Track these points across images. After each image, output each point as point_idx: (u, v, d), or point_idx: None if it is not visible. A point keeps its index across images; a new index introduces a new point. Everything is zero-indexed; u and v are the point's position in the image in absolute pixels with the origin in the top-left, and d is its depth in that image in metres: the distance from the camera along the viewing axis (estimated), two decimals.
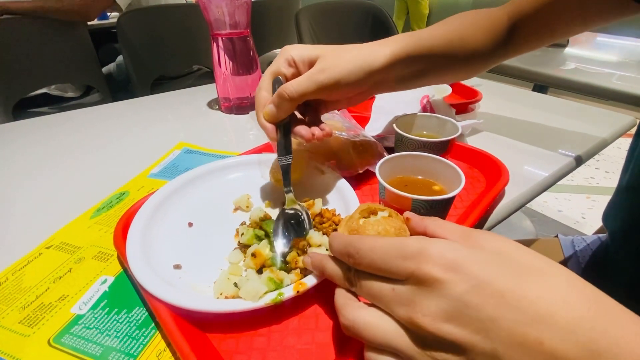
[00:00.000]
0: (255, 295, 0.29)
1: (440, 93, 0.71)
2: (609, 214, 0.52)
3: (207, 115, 0.78)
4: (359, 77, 0.38)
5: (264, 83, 0.40)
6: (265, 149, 0.55)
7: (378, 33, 1.58)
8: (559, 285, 0.17)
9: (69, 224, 0.44)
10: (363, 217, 0.30)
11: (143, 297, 0.32)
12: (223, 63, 0.71)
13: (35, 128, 0.72)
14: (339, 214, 0.39)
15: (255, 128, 0.55)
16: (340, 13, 1.59)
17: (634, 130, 0.53)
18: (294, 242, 0.34)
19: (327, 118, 0.51)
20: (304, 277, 0.31)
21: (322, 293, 0.32)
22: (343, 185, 0.44)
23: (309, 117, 0.42)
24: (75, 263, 0.38)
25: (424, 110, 0.60)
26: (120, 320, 0.31)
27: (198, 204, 0.44)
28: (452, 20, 0.47)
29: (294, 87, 0.36)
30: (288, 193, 0.40)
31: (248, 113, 0.74)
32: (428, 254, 0.18)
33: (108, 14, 2.01)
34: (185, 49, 1.48)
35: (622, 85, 1.11)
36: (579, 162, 0.58)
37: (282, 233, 0.36)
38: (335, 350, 0.28)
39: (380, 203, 0.39)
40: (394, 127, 0.49)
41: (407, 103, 0.61)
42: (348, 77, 0.38)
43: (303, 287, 0.30)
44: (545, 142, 0.63)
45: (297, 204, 0.39)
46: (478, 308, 0.17)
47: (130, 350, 0.29)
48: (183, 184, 0.45)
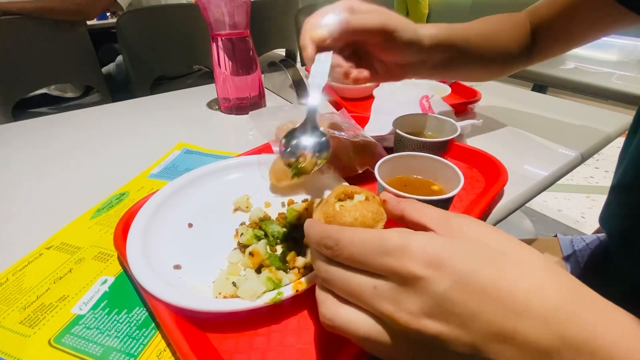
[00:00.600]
0: (254, 295, 0.29)
1: (440, 93, 0.71)
2: (605, 216, 0.52)
3: (206, 116, 0.78)
4: (412, 39, 0.40)
5: (319, 14, 0.39)
6: (265, 150, 0.55)
7: None
8: (535, 273, 0.18)
9: (69, 225, 0.44)
10: (339, 200, 0.30)
11: (143, 297, 0.32)
12: (223, 63, 0.71)
13: (35, 128, 0.72)
14: None
15: (255, 128, 0.55)
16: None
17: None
18: (301, 153, 0.35)
19: (326, 118, 0.51)
20: (303, 276, 0.32)
21: None
22: None
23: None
24: (76, 263, 0.38)
25: (423, 111, 0.60)
26: (121, 321, 0.31)
27: (198, 205, 0.44)
28: (487, 19, 0.49)
29: (358, 18, 0.37)
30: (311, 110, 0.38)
31: (248, 113, 0.74)
32: (409, 250, 0.18)
33: (107, 14, 2.01)
34: (185, 49, 1.48)
35: (621, 85, 1.11)
36: (579, 161, 0.59)
37: (296, 140, 0.36)
38: (335, 350, 0.28)
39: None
40: (394, 127, 0.49)
41: (406, 103, 0.61)
42: (403, 32, 0.39)
43: (302, 286, 0.30)
44: (545, 141, 0.63)
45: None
46: (461, 304, 0.17)
47: (131, 350, 0.29)
48: (183, 185, 0.46)
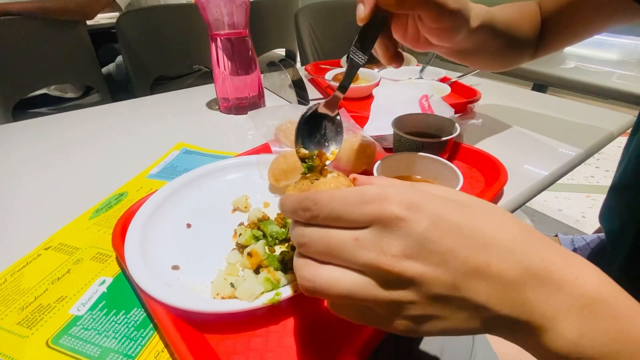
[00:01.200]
0: (252, 296, 0.29)
1: (439, 93, 0.70)
2: (604, 214, 0.52)
3: (206, 116, 0.78)
4: (466, 15, 0.38)
5: None
6: (264, 150, 0.55)
7: None
8: (497, 215, 0.20)
9: (68, 225, 0.44)
10: (314, 179, 0.32)
11: (141, 298, 0.32)
12: (222, 63, 0.71)
13: (35, 128, 0.72)
14: None
15: (254, 128, 0.55)
16: (340, 12, 1.59)
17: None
18: (319, 153, 0.35)
19: None
20: None
21: None
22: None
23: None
24: (74, 264, 0.38)
25: (423, 110, 0.60)
26: (119, 321, 0.31)
27: (196, 205, 0.44)
28: (510, 6, 0.48)
29: None
30: (340, 91, 0.37)
31: (247, 113, 0.74)
32: (388, 197, 0.19)
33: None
34: (185, 49, 1.48)
35: (622, 84, 1.10)
36: (579, 160, 0.58)
37: (308, 133, 0.36)
38: (334, 351, 0.28)
39: None
40: (393, 127, 0.49)
41: (406, 103, 0.61)
42: (470, 16, 0.38)
43: None
44: (545, 141, 0.63)
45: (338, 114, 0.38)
46: (439, 241, 0.18)
47: (129, 352, 0.29)
48: (182, 185, 0.45)
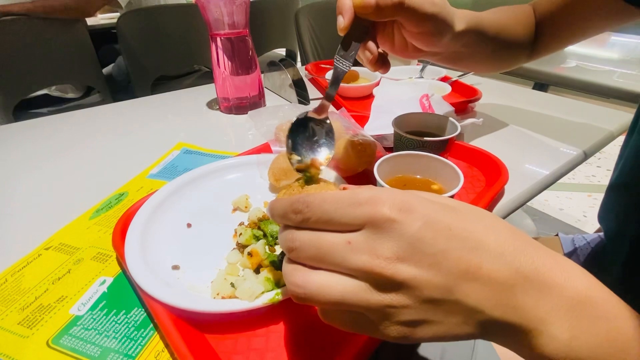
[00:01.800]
0: (252, 295, 0.29)
1: (440, 92, 0.70)
2: (602, 214, 0.52)
3: (206, 116, 0.78)
4: (453, 27, 0.39)
5: None
6: (264, 149, 0.55)
7: None
8: (486, 218, 0.20)
9: (68, 225, 0.44)
10: (303, 185, 0.32)
11: (141, 298, 0.32)
12: (222, 63, 0.71)
13: (36, 129, 0.72)
14: None
15: (254, 128, 0.55)
16: None
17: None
18: (312, 163, 0.34)
19: None
20: None
21: None
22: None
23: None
24: (74, 264, 0.38)
25: (424, 110, 0.60)
26: (119, 321, 0.31)
27: (197, 205, 0.44)
28: (501, 9, 0.49)
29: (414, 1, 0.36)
30: (326, 99, 0.37)
31: (247, 113, 0.74)
32: (381, 199, 0.19)
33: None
34: (185, 49, 1.48)
35: (623, 83, 1.10)
36: (581, 159, 0.58)
37: (301, 141, 0.35)
38: (334, 351, 0.28)
39: None
40: (393, 126, 0.49)
41: (406, 102, 0.61)
42: (451, 22, 0.39)
43: None
44: (546, 140, 0.63)
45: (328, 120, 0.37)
46: (431, 243, 0.18)
47: (129, 352, 0.29)
48: (182, 185, 0.45)
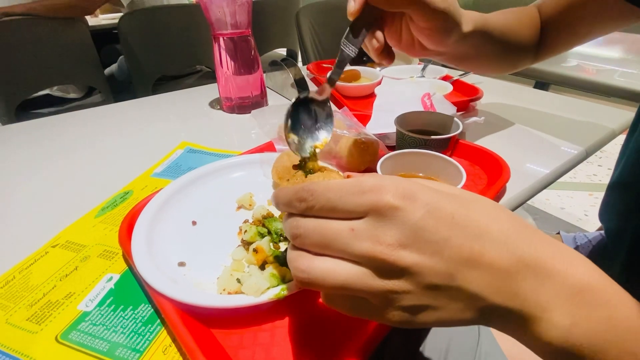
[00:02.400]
0: (258, 291, 0.29)
1: (441, 91, 0.71)
2: (603, 212, 0.53)
3: (209, 115, 0.78)
4: (461, 26, 0.39)
5: None
6: (267, 148, 0.55)
7: None
8: (489, 206, 0.21)
9: (74, 223, 0.44)
10: (307, 174, 0.33)
11: (148, 294, 0.33)
12: (224, 63, 0.72)
13: (39, 129, 0.73)
14: None
15: (257, 127, 0.55)
16: (341, 12, 1.57)
17: None
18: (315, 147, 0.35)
19: None
20: None
21: None
22: None
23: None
24: (81, 261, 0.38)
25: (425, 108, 0.60)
26: (126, 317, 0.32)
27: (201, 203, 0.45)
28: (507, 11, 0.49)
29: None
30: (329, 82, 0.37)
31: (250, 112, 0.74)
32: (384, 186, 0.19)
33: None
34: (187, 49, 1.49)
35: (624, 82, 1.10)
36: (582, 157, 0.58)
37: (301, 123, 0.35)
38: (340, 345, 0.29)
39: None
40: (396, 125, 0.49)
41: (408, 101, 0.61)
42: (460, 20, 0.39)
43: None
44: (547, 138, 0.63)
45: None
46: (434, 230, 0.18)
47: (137, 346, 0.29)
48: (186, 183, 0.46)
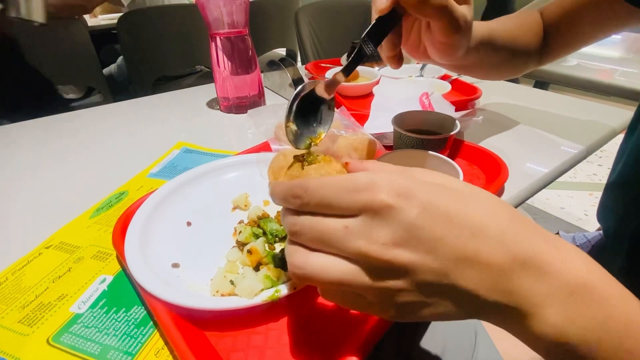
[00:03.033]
0: (251, 293, 0.29)
1: (440, 90, 0.70)
2: (601, 212, 0.52)
3: (206, 115, 0.78)
4: (469, 35, 0.38)
5: None
6: (263, 148, 0.55)
7: None
8: (488, 202, 0.20)
9: (69, 224, 0.44)
10: (305, 164, 0.31)
11: (141, 296, 0.32)
12: (222, 63, 0.71)
13: (36, 128, 0.72)
14: None
15: (254, 127, 0.55)
16: (340, 12, 1.59)
17: None
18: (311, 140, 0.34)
19: None
20: None
21: None
22: None
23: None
24: (75, 262, 0.38)
25: (423, 108, 0.60)
26: (119, 319, 0.31)
27: (197, 203, 0.44)
28: (510, 17, 0.49)
29: None
30: (344, 72, 0.34)
31: (247, 112, 0.74)
32: (378, 185, 0.19)
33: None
34: (186, 50, 1.48)
35: (624, 81, 1.10)
36: (582, 156, 0.58)
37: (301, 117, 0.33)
38: (334, 348, 0.28)
39: None
40: (393, 124, 0.49)
41: (406, 100, 0.61)
42: (469, 29, 0.37)
43: (300, 284, 0.30)
44: (546, 138, 0.63)
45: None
46: (428, 229, 0.18)
47: (129, 349, 0.29)
48: (182, 184, 0.45)
